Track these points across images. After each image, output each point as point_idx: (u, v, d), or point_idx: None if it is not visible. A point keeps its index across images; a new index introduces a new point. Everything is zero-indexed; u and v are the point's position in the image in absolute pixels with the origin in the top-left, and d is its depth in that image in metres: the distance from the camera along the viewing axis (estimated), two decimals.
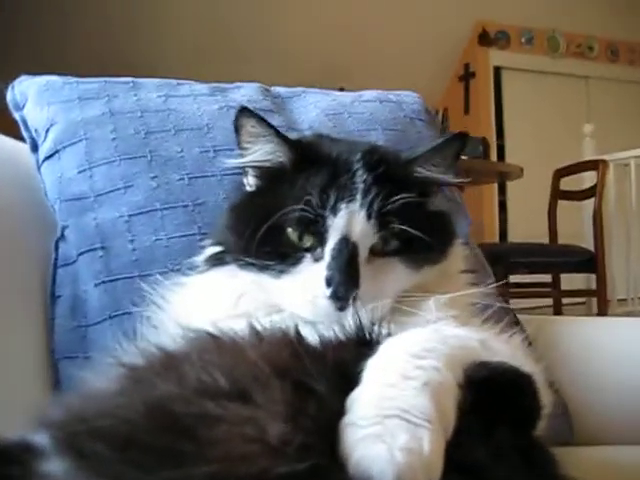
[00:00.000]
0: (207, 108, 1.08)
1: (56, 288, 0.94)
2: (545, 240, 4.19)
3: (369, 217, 0.71)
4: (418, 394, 0.47)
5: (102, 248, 0.93)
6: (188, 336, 0.59)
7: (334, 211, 0.71)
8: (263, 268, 0.73)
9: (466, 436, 0.49)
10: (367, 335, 0.59)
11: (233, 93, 1.14)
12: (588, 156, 4.41)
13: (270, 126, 0.77)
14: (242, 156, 0.80)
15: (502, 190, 5.97)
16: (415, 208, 0.74)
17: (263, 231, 0.72)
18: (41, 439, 0.44)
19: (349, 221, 0.71)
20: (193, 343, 0.58)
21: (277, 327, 0.59)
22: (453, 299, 0.72)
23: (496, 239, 5.71)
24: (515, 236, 5.77)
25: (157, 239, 0.93)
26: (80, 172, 0.97)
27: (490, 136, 5.65)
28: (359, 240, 0.71)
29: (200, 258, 0.82)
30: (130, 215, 0.94)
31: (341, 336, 0.59)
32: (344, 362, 0.53)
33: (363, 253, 0.71)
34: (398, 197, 0.72)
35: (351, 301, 0.68)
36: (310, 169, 0.75)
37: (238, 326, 0.60)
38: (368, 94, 1.24)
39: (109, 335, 0.87)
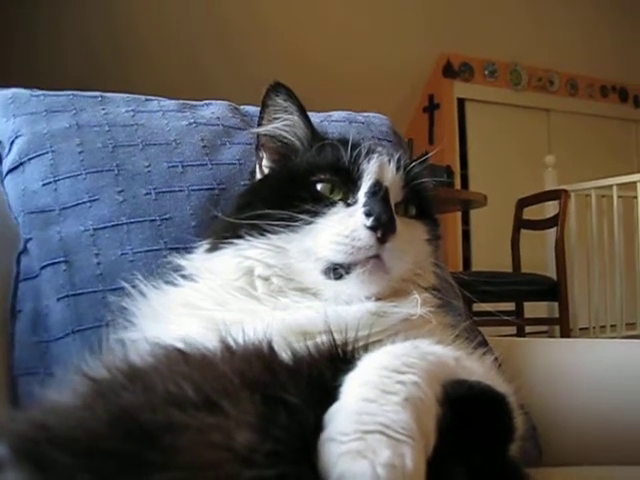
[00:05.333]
0: (176, 124, 1.07)
1: (17, 302, 0.91)
2: (508, 269, 4.24)
3: (397, 169, 0.78)
4: (399, 409, 0.46)
5: (66, 262, 0.91)
6: (156, 352, 0.57)
7: (367, 159, 0.77)
8: (289, 224, 0.73)
9: (445, 454, 0.48)
10: (341, 352, 0.58)
11: (202, 110, 1.14)
12: (550, 186, 4.48)
13: (299, 102, 0.83)
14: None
15: (465, 220, 6.03)
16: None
17: (291, 190, 0.76)
18: None
19: (381, 168, 0.77)
20: (161, 357, 0.57)
21: (249, 342, 0.57)
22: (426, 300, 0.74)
23: (459, 268, 5.74)
24: (478, 265, 5.82)
25: (123, 253, 0.91)
26: (45, 185, 0.95)
27: (454, 166, 5.71)
28: (390, 187, 0.76)
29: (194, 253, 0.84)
30: (95, 229, 0.92)
31: (314, 352, 0.57)
32: (320, 376, 0.53)
33: (392, 203, 0.75)
34: (421, 158, 0.82)
35: (390, 236, 0.70)
36: (326, 145, 0.80)
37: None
38: (337, 114, 1.25)
39: (72, 350, 0.85)
